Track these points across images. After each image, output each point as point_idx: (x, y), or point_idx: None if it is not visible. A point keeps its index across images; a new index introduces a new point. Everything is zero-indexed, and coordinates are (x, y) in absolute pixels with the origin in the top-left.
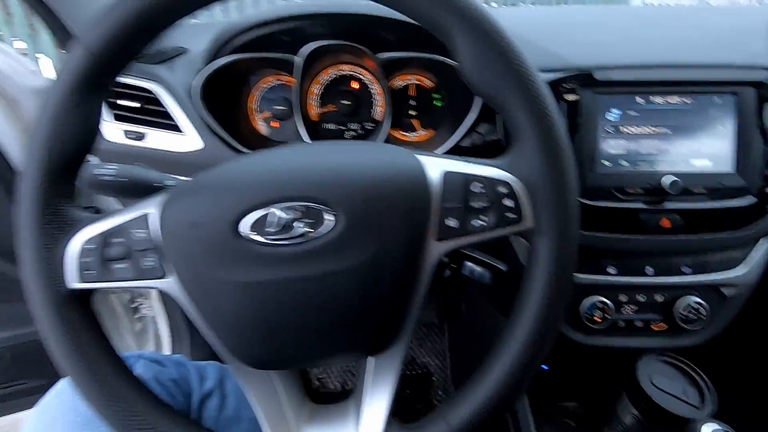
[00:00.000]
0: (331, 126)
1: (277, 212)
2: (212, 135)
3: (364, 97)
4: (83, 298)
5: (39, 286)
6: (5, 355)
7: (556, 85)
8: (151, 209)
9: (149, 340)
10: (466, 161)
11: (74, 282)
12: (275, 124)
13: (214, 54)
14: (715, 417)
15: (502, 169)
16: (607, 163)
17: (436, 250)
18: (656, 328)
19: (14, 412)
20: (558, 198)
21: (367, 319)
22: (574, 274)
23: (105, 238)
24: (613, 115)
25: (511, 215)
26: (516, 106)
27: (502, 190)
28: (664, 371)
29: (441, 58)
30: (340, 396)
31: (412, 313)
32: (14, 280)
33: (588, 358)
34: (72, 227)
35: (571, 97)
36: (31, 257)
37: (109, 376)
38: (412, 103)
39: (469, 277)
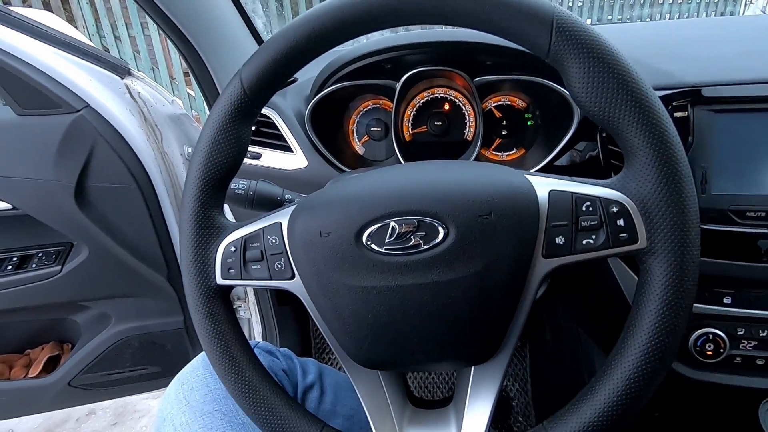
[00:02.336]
0: (424, 146)
1: (394, 225)
2: (316, 154)
3: (455, 117)
4: (225, 292)
5: (193, 279)
6: (133, 343)
7: (666, 103)
8: (283, 218)
9: None
10: (573, 180)
11: (220, 278)
12: (370, 144)
13: (323, 82)
14: None
15: (614, 189)
16: (721, 183)
17: (544, 266)
18: None
19: (128, 395)
20: (676, 218)
21: (472, 328)
22: None
23: (245, 242)
24: (729, 132)
25: (623, 235)
26: (631, 127)
27: (614, 209)
28: None
29: (537, 79)
30: (435, 403)
31: (516, 326)
32: (144, 278)
33: (697, 396)
34: (220, 232)
35: (679, 114)
36: (189, 257)
37: (239, 359)
38: (503, 123)
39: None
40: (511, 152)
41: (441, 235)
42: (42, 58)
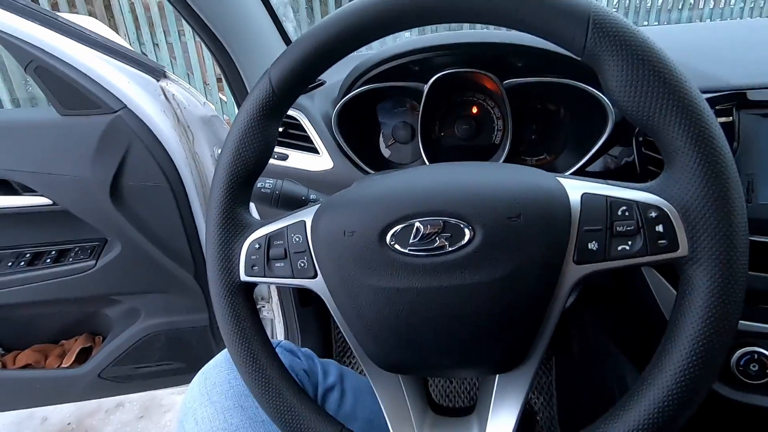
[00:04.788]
0: (450, 150)
1: (419, 225)
2: (342, 156)
3: (483, 121)
4: (248, 289)
5: (218, 275)
6: (160, 338)
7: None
8: (307, 217)
9: None
10: (607, 183)
11: (244, 275)
12: (397, 147)
13: (350, 84)
14: None
15: (652, 193)
16: None
17: (575, 273)
18: None
19: (154, 389)
20: (722, 225)
21: (497, 335)
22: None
23: (269, 239)
24: None
25: (662, 242)
26: (672, 126)
27: (652, 214)
28: None
29: (569, 81)
30: (457, 411)
31: (544, 335)
32: (172, 274)
33: (739, 419)
34: (245, 229)
35: (723, 119)
36: (214, 253)
37: (259, 355)
38: (533, 126)
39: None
40: (541, 157)
41: (467, 237)
42: (84, 61)
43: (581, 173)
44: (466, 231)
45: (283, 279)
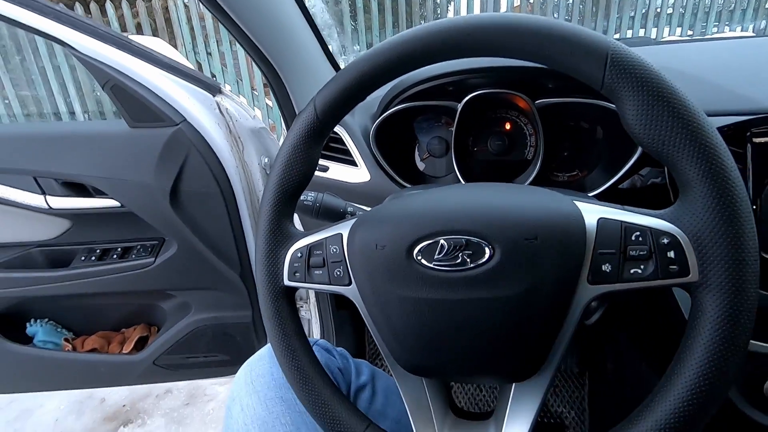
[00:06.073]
0: (483, 164)
1: (443, 242)
2: (378, 169)
3: (516, 137)
4: (290, 293)
5: (265, 280)
6: (207, 331)
7: (744, 129)
8: (344, 230)
9: None
10: (624, 209)
11: (287, 280)
12: (431, 161)
13: (389, 102)
14: None
15: (666, 220)
16: None
17: (588, 292)
18: None
19: (200, 379)
20: (731, 253)
21: (513, 346)
22: (759, 343)
23: (310, 249)
24: None
25: (673, 267)
26: (685, 159)
27: (664, 240)
28: None
29: (600, 102)
30: (477, 416)
31: (558, 349)
32: (221, 273)
33: None
34: (289, 240)
35: (761, 140)
36: (262, 260)
37: (298, 352)
38: (566, 143)
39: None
40: (573, 173)
41: (487, 255)
42: (152, 79)
43: (611, 191)
44: (486, 249)
45: (321, 285)
